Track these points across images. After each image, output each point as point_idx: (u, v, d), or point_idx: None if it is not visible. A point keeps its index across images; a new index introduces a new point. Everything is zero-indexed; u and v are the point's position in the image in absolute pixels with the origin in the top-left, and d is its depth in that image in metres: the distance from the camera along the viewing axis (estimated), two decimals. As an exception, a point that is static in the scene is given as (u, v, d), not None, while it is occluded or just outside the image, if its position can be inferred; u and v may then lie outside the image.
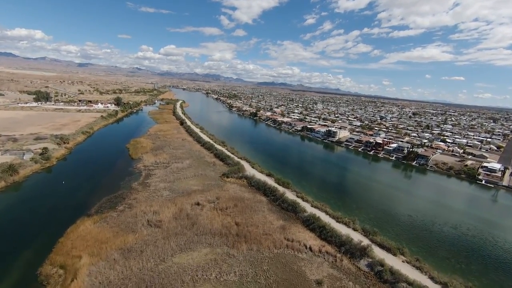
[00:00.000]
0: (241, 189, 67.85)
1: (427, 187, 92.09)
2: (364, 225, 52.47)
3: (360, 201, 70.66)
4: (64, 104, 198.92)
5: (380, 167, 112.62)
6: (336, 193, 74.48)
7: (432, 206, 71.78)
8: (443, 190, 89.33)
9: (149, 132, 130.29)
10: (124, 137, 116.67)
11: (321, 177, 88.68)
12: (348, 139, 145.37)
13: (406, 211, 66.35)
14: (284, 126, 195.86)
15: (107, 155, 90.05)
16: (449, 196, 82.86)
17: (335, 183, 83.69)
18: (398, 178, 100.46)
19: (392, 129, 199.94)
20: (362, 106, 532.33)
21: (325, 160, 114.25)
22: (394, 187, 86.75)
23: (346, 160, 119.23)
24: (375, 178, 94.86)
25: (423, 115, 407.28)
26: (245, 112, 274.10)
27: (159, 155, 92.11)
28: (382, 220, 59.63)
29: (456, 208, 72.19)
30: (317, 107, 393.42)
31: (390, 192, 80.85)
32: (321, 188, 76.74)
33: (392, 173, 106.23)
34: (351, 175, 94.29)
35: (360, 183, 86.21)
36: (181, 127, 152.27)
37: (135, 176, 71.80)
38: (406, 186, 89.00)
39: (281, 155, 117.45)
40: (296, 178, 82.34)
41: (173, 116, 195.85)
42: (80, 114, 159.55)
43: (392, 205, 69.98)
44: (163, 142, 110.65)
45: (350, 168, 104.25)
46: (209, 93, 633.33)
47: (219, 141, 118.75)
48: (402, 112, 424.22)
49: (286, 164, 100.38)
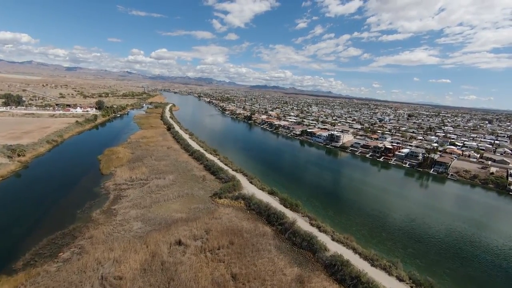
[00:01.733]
0: (238, 214, 52.57)
1: (456, 201, 79.08)
2: (410, 270, 38.08)
3: (387, 226, 56.53)
4: (38, 108, 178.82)
5: (394, 177, 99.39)
6: (357, 215, 60.06)
7: (472, 228, 58.34)
8: (475, 205, 76.46)
9: (129, 140, 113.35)
10: (99, 146, 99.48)
11: (334, 193, 74.12)
12: (353, 144, 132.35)
13: (448, 238, 52.56)
14: (281, 130, 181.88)
15: (70, 170, 73.03)
16: (488, 214, 69.82)
17: (351, 201, 69.31)
18: (420, 191, 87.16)
19: (395, 132, 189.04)
20: (356, 108, 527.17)
21: (333, 170, 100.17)
22: (420, 203, 73.13)
23: (356, 169, 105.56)
24: (395, 191, 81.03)
25: (418, 116, 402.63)
26: (239, 116, 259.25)
27: (137, 168, 75.80)
28: (422, 253, 45.53)
29: (504, 231, 58.95)
30: (313, 110, 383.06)
31: (419, 212, 66.85)
32: (338, 209, 62.22)
33: (411, 184, 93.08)
34: (368, 189, 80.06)
35: (381, 200, 72.08)
36: (168, 133, 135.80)
37: (99, 200, 55.40)
38: (433, 201, 75.39)
39: (281, 164, 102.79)
40: (304, 195, 67.74)
41: (160, 120, 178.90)
42: (52, 119, 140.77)
43: (426, 230, 56.09)
44: (144, 152, 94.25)
45: (364, 180, 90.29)
46: (201, 96, 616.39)
47: (210, 149, 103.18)
48: (397, 114, 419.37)
49: (289, 176, 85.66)
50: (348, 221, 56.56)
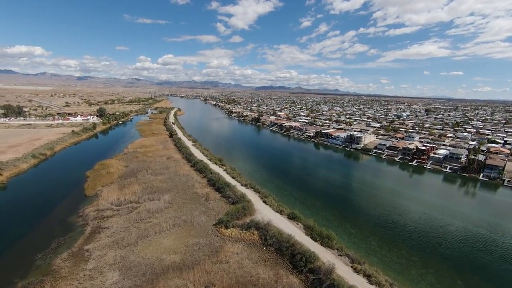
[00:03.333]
0: (251, 254, 38.89)
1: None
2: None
3: (460, 264, 41.33)
4: (38, 118, 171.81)
5: (439, 187, 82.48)
6: (412, 247, 44.92)
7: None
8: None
9: (126, 150, 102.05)
10: (92, 159, 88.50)
11: (371, 214, 58.52)
12: (378, 146, 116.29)
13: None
14: (292, 132, 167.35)
15: (49, 192, 61.55)
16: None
17: (397, 225, 53.75)
18: (479, 205, 70.11)
19: (419, 129, 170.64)
20: (367, 105, 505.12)
21: (360, 179, 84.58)
22: (487, 223, 57.15)
23: (387, 177, 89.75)
24: (453, 209, 64.72)
25: (436, 111, 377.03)
26: (246, 118, 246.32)
27: (128, 187, 63.52)
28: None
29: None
30: (323, 109, 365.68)
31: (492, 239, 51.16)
32: (384, 239, 47.20)
33: (462, 196, 76.65)
34: (414, 207, 63.53)
35: (438, 223, 56.49)
36: (169, 140, 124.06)
37: (71, 236, 43.02)
38: (503, 221, 59.12)
39: (297, 173, 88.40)
40: (333, 217, 53.40)
41: (163, 126, 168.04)
42: (47, 130, 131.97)
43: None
44: (140, 164, 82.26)
45: (403, 192, 73.99)
46: (207, 99, 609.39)
47: (215, 158, 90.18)
48: (412, 110, 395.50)
49: (309, 189, 71.15)
50: (403, 258, 41.71)
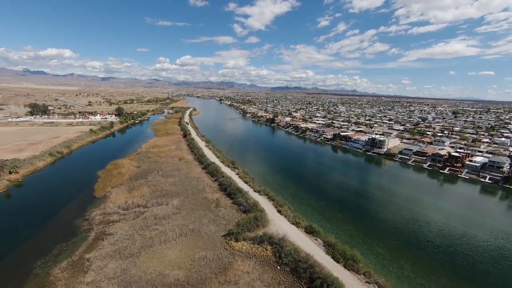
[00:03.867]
0: (263, 275, 34.29)
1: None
2: None
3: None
4: (60, 117, 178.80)
5: (478, 199, 73.09)
6: (451, 275, 38.13)
7: None
8: None
9: (140, 149, 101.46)
10: (105, 158, 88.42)
11: (399, 229, 51.45)
12: (403, 151, 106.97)
13: None
14: (309, 134, 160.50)
15: (60, 192, 60.83)
16: None
17: (434, 247, 46.88)
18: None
19: (448, 133, 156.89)
20: (388, 106, 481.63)
21: (385, 188, 77.03)
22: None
23: (415, 185, 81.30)
24: (495, 227, 56.43)
25: (464, 113, 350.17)
26: (260, 118, 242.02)
27: (137, 189, 61.39)
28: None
29: None
30: (340, 110, 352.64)
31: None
32: (417, 262, 40.57)
33: (510, 213, 67.12)
34: (447, 221, 56.11)
35: (477, 241, 48.74)
36: (183, 140, 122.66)
37: (74, 242, 40.89)
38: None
39: (314, 178, 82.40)
40: (357, 232, 47.47)
41: (178, 126, 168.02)
42: (67, 128, 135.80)
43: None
44: (152, 165, 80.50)
45: (435, 204, 66.32)
46: (222, 99, 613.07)
47: (227, 160, 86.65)
48: (438, 112, 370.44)
49: (328, 197, 65.17)
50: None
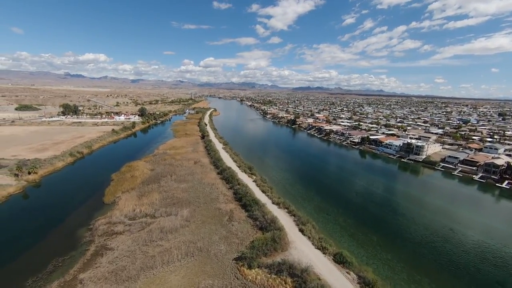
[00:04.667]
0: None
1: None
2: None
3: None
4: (88, 117, 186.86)
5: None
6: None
7: None
8: None
9: (157, 151, 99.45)
10: (122, 159, 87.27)
11: (458, 264, 41.20)
12: (447, 159, 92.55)
13: None
14: (333, 137, 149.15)
15: (72, 195, 59.05)
16: None
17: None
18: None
19: (499, 138, 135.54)
20: (420, 107, 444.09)
21: (431, 205, 65.22)
22: None
23: (469, 203, 68.09)
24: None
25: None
26: (281, 119, 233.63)
27: (147, 195, 57.50)
28: None
29: None
30: (367, 111, 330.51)
31: None
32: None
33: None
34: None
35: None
36: (200, 142, 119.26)
37: (71, 257, 37.12)
38: None
39: (343, 190, 72.75)
40: (402, 267, 38.06)
41: (197, 127, 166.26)
42: (91, 128, 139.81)
43: None
44: (166, 168, 77.01)
45: (502, 230, 53.87)
46: (243, 100, 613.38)
47: (245, 165, 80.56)
48: (481, 113, 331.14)
49: (359, 215, 55.68)
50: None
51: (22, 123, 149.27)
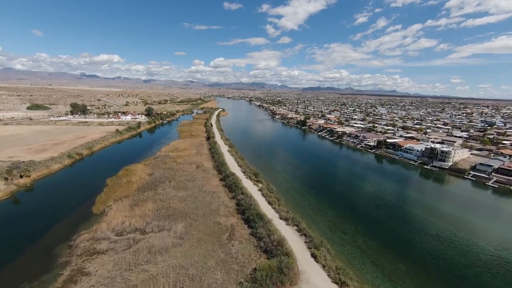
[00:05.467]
0: None
1: None
2: None
3: None
4: (96, 116, 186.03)
5: None
6: None
7: None
8: None
9: (159, 153, 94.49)
10: (122, 161, 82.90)
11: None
12: (477, 166, 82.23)
13: None
14: (346, 140, 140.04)
15: (62, 202, 54.29)
16: None
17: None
18: None
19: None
20: (437, 108, 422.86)
21: (463, 224, 56.21)
22: None
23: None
24: None
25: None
26: (290, 120, 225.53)
27: (141, 204, 51.84)
28: None
29: None
30: (381, 112, 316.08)
31: None
32: None
33: None
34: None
35: None
36: (205, 143, 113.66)
37: (40, 283, 31.53)
38: None
39: (361, 203, 64.56)
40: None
41: (203, 127, 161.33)
42: (96, 128, 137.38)
43: None
44: (166, 172, 71.51)
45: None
46: (252, 100, 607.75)
47: (250, 171, 73.87)
48: (505, 115, 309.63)
49: (382, 236, 47.62)
50: None
51: (29, 122, 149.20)
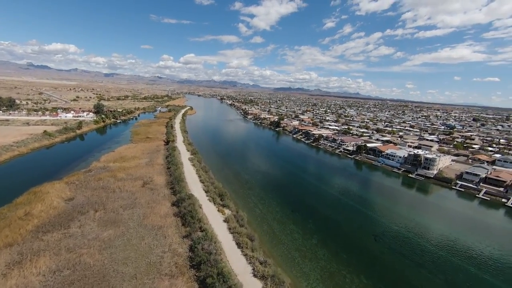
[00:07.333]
0: None
1: None
2: None
3: None
4: (26, 113, 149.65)
5: None
6: None
7: None
8: None
9: (95, 164, 71.91)
10: (35, 178, 59.37)
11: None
12: (464, 176, 76.48)
13: None
14: (323, 143, 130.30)
15: None
16: None
17: None
18: None
19: (502, 148, 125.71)
20: (398, 111, 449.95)
21: (475, 252, 46.85)
22: None
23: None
24: None
25: (487, 121, 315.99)
26: (263, 121, 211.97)
27: (25, 264, 31.60)
28: None
29: None
30: (350, 113, 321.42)
31: None
32: None
33: None
34: None
35: None
36: (162, 149, 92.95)
37: None
38: None
39: (354, 231, 52.16)
40: None
41: (164, 128, 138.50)
42: (17, 128, 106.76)
43: None
44: (95, 195, 50.82)
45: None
46: (223, 99, 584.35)
47: (214, 190, 56.79)
48: (457, 118, 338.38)
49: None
50: None
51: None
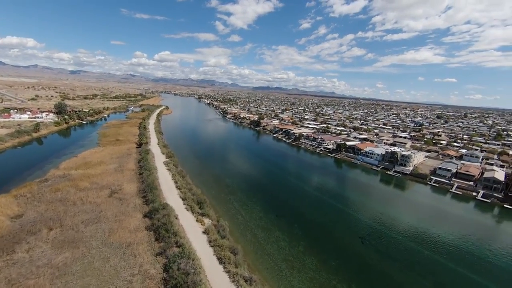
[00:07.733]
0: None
1: None
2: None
3: None
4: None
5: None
6: None
7: None
8: None
9: (53, 171, 63.11)
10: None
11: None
12: (437, 171, 79.84)
13: None
14: (304, 142, 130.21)
15: None
16: None
17: None
18: None
19: (465, 143, 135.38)
20: (371, 109, 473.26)
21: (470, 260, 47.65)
22: None
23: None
24: None
25: (449, 118, 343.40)
26: (243, 120, 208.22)
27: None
28: None
29: None
30: (328, 112, 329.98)
31: None
32: None
33: None
34: None
35: None
36: (134, 153, 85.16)
37: None
38: None
39: (339, 233, 50.87)
40: None
41: (137, 130, 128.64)
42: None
43: None
44: (51, 208, 43.60)
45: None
46: (201, 98, 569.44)
47: (192, 196, 52.14)
48: (423, 116, 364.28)
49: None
50: None
51: None
